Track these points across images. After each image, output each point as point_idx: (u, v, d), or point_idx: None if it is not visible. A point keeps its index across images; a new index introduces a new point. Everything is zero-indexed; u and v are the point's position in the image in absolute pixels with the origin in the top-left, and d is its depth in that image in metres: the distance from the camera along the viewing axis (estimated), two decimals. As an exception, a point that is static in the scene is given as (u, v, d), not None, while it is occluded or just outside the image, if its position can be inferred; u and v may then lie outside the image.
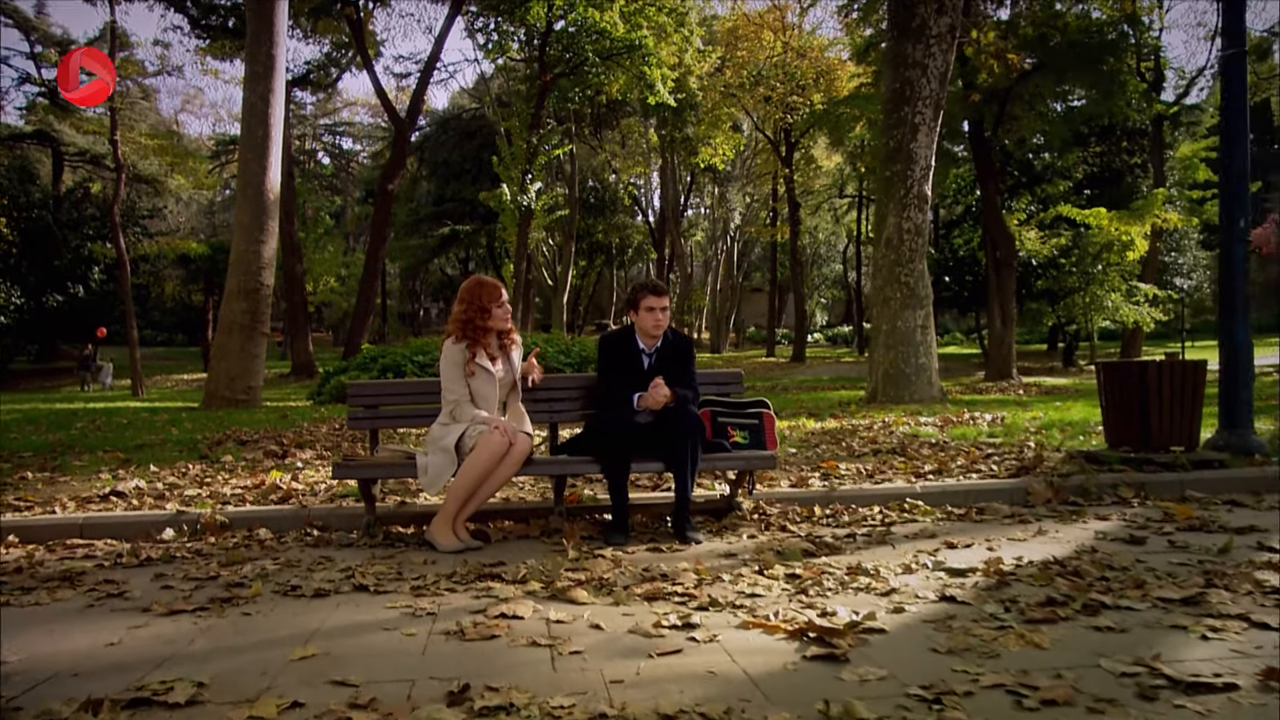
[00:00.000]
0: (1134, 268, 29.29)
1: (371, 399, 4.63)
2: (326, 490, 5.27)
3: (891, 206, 13.41)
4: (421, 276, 43.60)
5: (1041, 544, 3.91)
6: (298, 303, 25.75)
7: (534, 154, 24.94)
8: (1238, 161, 6.41)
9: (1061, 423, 8.91)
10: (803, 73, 33.64)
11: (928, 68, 13.39)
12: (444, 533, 4.09)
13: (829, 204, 48.69)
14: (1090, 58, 21.13)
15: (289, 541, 4.32)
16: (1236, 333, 6.27)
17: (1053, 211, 27.09)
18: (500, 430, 4.11)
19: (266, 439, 8.02)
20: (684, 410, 4.28)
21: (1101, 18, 21.62)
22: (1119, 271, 28.77)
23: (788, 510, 4.83)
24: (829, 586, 3.11)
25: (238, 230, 13.47)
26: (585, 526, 4.42)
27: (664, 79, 25.82)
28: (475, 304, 4.34)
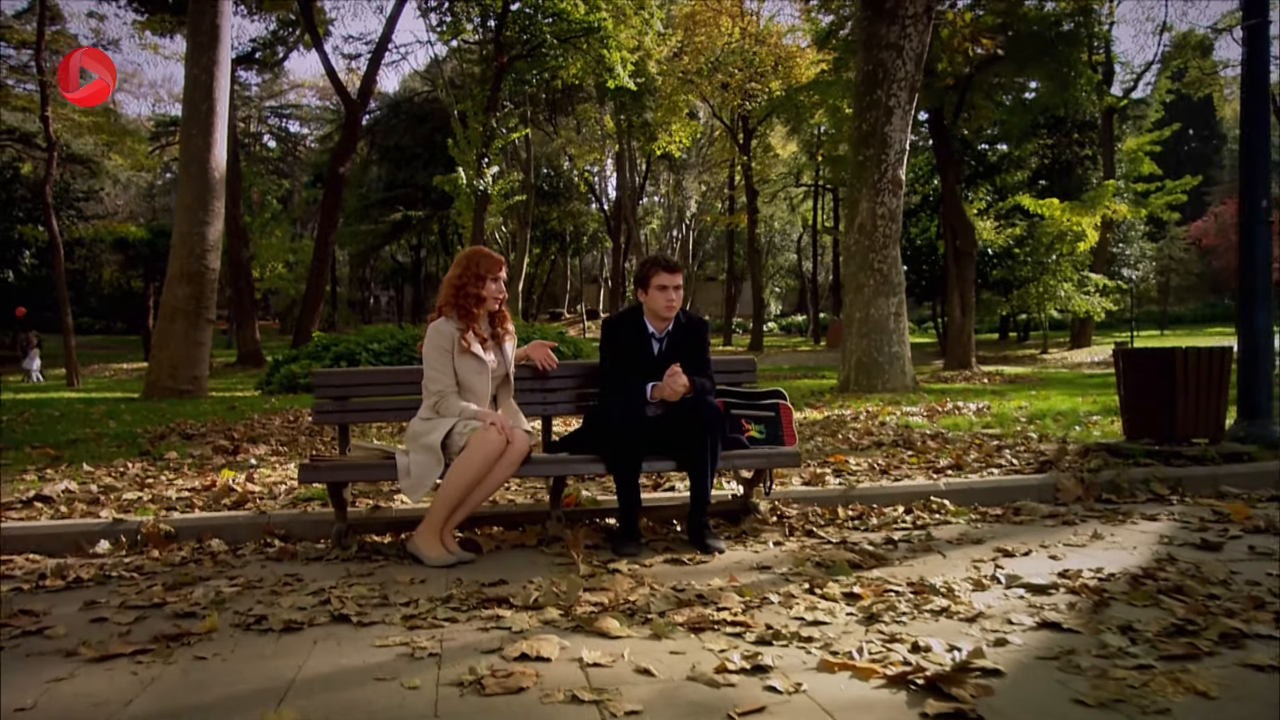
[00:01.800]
0: (1085, 258, 29.61)
1: (341, 389, 4.04)
2: (287, 492, 4.66)
3: (864, 191, 13.06)
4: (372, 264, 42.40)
5: (1106, 551, 3.50)
6: (244, 289, 24.67)
7: (490, 137, 24.20)
8: (1259, 137, 6.10)
9: (1051, 413, 8.62)
10: (761, 59, 33.29)
11: (903, 49, 13.03)
12: (431, 544, 3.54)
13: (785, 193, 48.54)
14: (1049, 47, 21.18)
15: (247, 555, 3.72)
16: (1257, 319, 5.97)
17: (1011, 201, 27.19)
18: (496, 426, 3.57)
19: (215, 433, 7.34)
20: (703, 402, 3.78)
21: (1058, 9, 21.66)
22: (1071, 262, 29.07)
23: (807, 511, 4.36)
24: (902, 610, 2.64)
25: (180, 211, 12.63)
26: (587, 533, 3.90)
27: (623, 62, 25.24)
28: (471, 271, 3.78)
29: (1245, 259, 6.08)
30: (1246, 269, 6.06)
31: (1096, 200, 25.98)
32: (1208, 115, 59.19)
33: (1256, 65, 6.13)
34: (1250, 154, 6.12)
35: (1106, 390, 12.39)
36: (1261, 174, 6.05)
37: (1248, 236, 6.03)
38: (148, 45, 27.53)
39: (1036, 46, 20.65)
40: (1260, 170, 6.05)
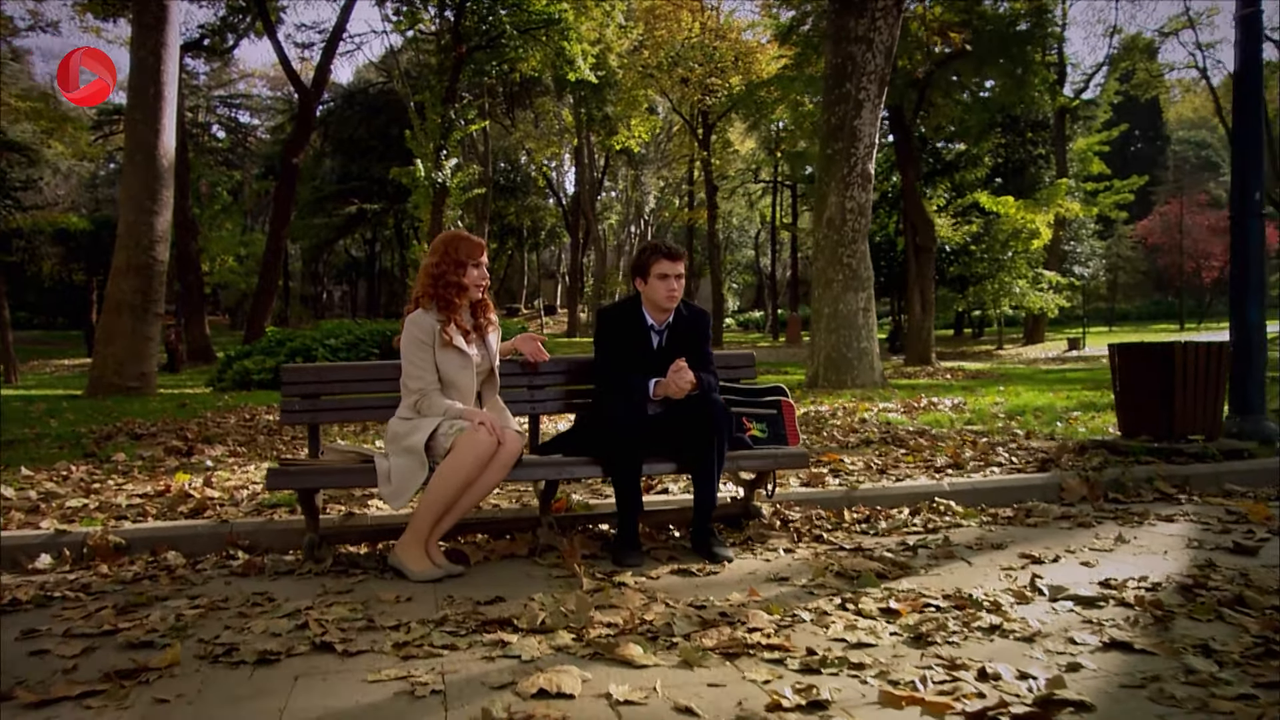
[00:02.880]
0: (1039, 256, 30.04)
1: (311, 387, 3.70)
2: (250, 498, 4.29)
3: (833, 185, 12.91)
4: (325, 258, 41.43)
5: (1138, 557, 3.30)
6: (192, 283, 23.83)
7: (449, 129, 23.69)
8: (1251, 128, 6.01)
9: (1029, 408, 8.53)
10: (721, 54, 33.14)
11: (873, 42, 12.90)
12: (415, 556, 3.22)
13: (744, 189, 48.57)
14: (1006, 46, 21.34)
15: (208, 569, 3.37)
16: (1250, 312, 5.88)
17: (969, 198, 27.42)
18: (486, 426, 3.26)
19: (166, 432, 6.90)
20: (709, 399, 3.50)
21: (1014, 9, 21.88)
22: (1026, 259, 29.45)
23: (811, 515, 4.12)
24: (952, 629, 2.40)
25: (126, 201, 12.03)
26: (582, 541, 3.60)
27: (584, 55, 24.91)
28: (450, 257, 3.46)
29: (1238, 252, 5.98)
30: (1239, 262, 5.96)
31: (1050, 198, 26.34)
32: (1154, 117, 60.56)
33: (1249, 56, 6.04)
34: (1242, 144, 6.03)
35: (1072, 385, 12.41)
36: (1254, 165, 5.96)
37: (1240, 229, 5.94)
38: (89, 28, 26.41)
39: (995, 45, 20.80)
40: (1252, 161, 5.96)
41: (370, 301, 43.23)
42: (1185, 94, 63.25)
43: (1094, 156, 36.70)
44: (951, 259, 29.91)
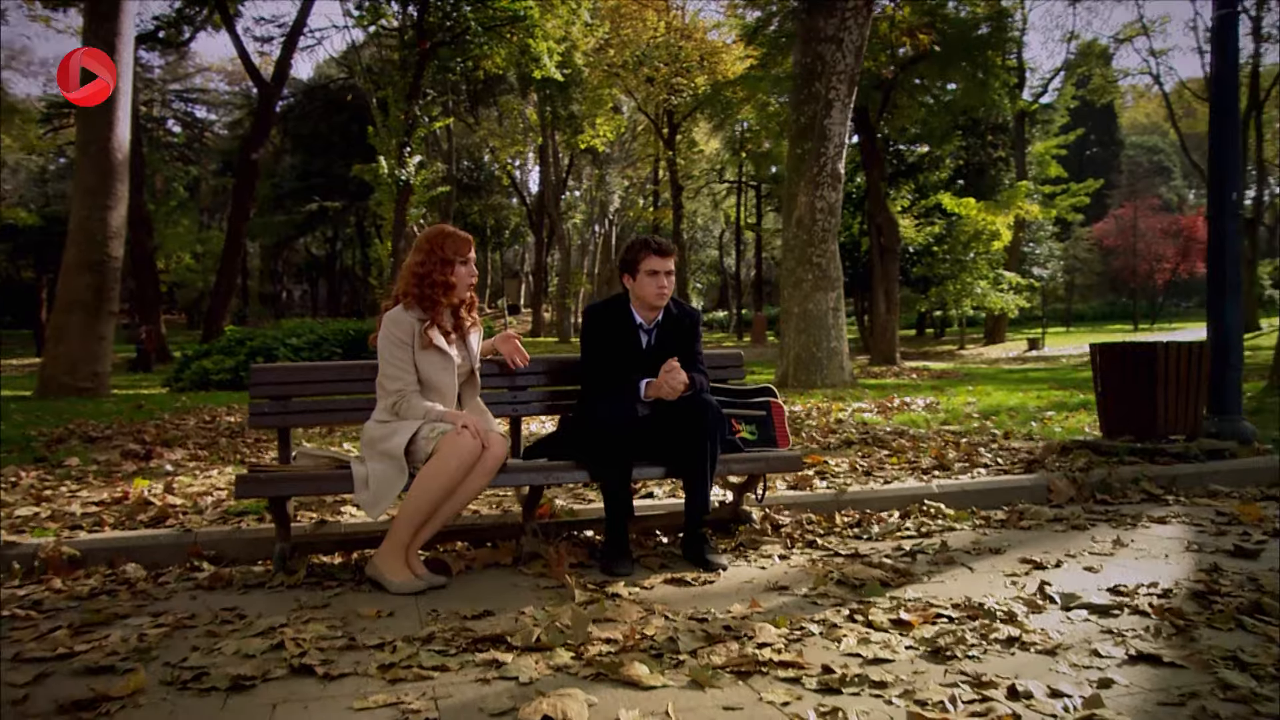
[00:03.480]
0: (1000, 257, 30.43)
1: (281, 388, 3.50)
2: (215, 505, 4.08)
3: (803, 185, 12.86)
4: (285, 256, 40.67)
5: (1139, 561, 3.23)
6: (147, 281, 23.18)
7: (413, 126, 23.33)
8: (1228, 129, 6.01)
9: (1004, 408, 8.53)
10: (687, 54, 33.10)
11: (843, 41, 12.87)
12: (394, 567, 3.04)
13: (708, 189, 48.60)
14: (969, 50, 21.56)
15: (171, 582, 3.16)
16: (1226, 313, 5.88)
17: (933, 199, 27.67)
18: (470, 429, 3.10)
19: (122, 435, 6.61)
20: (702, 400, 3.37)
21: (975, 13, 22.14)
22: (987, 260, 29.81)
23: (801, 519, 4.01)
24: (970, 642, 2.29)
25: (79, 195, 11.62)
26: (568, 549, 3.45)
27: (550, 53, 24.68)
28: (437, 255, 3.28)
29: (1214, 253, 5.98)
30: (1216, 263, 5.96)
31: (1010, 200, 26.66)
32: (1108, 122, 61.73)
33: (1225, 56, 6.04)
34: (1220, 146, 6.02)
35: (1037, 385, 12.49)
36: (1231, 166, 5.96)
37: (1217, 230, 5.94)
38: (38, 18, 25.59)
39: (958, 48, 21.01)
40: (1230, 162, 5.96)
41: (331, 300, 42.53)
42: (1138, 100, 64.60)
43: (1051, 160, 37.30)
44: (915, 260, 30.19)
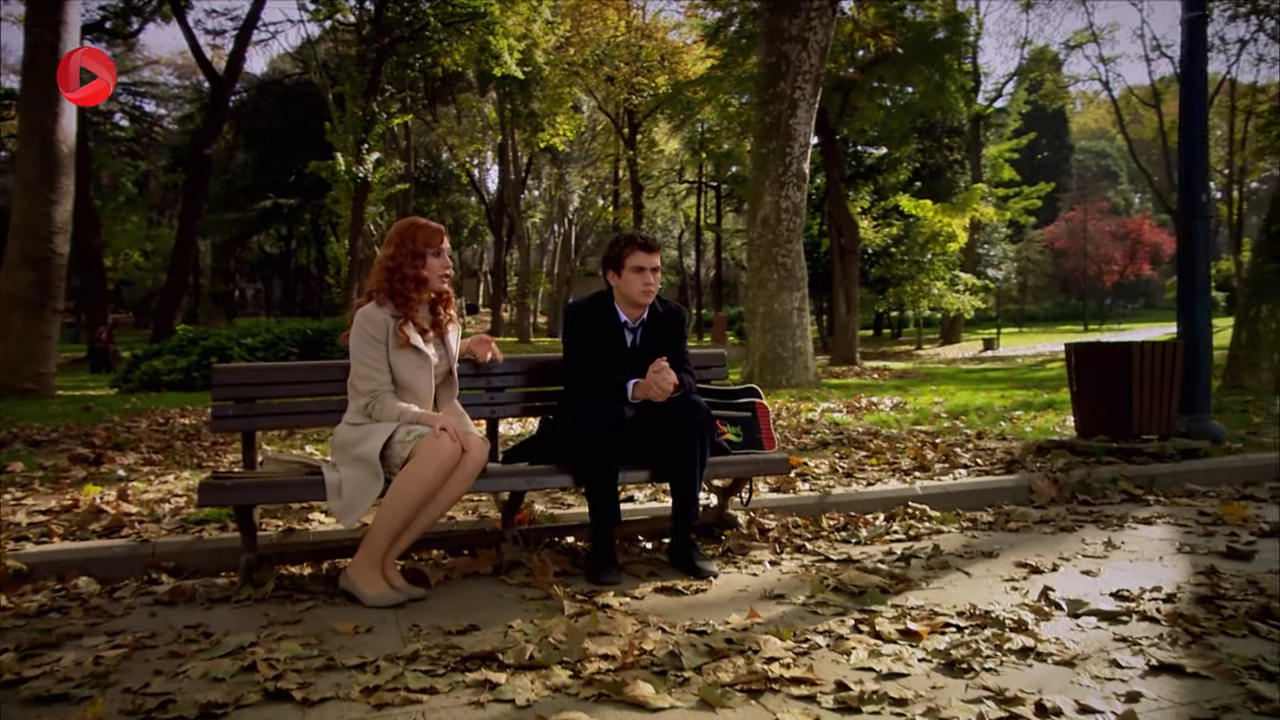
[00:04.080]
0: (956, 258, 30.84)
1: (246, 389, 3.30)
2: (173, 513, 3.86)
3: (768, 185, 12.83)
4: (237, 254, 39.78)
5: (1134, 564, 3.18)
6: (94, 278, 22.47)
7: (371, 122, 22.95)
8: (1196, 130, 6.05)
9: (971, 408, 8.55)
10: (648, 54, 33.04)
11: (808, 41, 12.85)
12: (370, 579, 2.88)
13: (668, 189, 48.61)
14: (927, 53, 21.80)
15: (128, 598, 2.96)
16: (1196, 312, 5.91)
17: (892, 201, 27.94)
18: (449, 432, 2.94)
19: (70, 438, 6.31)
20: (691, 401, 3.25)
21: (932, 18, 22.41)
22: (944, 261, 30.19)
23: (787, 523, 3.91)
24: (985, 654, 2.19)
25: (20, 188, 11.15)
26: (550, 556, 3.31)
27: (510, 50, 24.43)
28: (407, 248, 3.12)
29: (1184, 253, 6.01)
30: (1185, 263, 5.99)
31: (966, 203, 27.00)
32: (1059, 127, 62.97)
33: (1194, 59, 6.08)
34: (1188, 147, 6.06)
35: (997, 385, 12.60)
36: (1199, 167, 5.99)
37: (1187, 230, 5.97)
38: (-23, 7, 24.72)
39: (916, 51, 21.23)
40: (1198, 164, 5.99)
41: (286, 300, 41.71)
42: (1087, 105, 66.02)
43: (1005, 163, 37.90)
44: (873, 260, 30.47)
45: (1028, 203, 37.97)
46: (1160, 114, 38.52)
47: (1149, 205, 58.17)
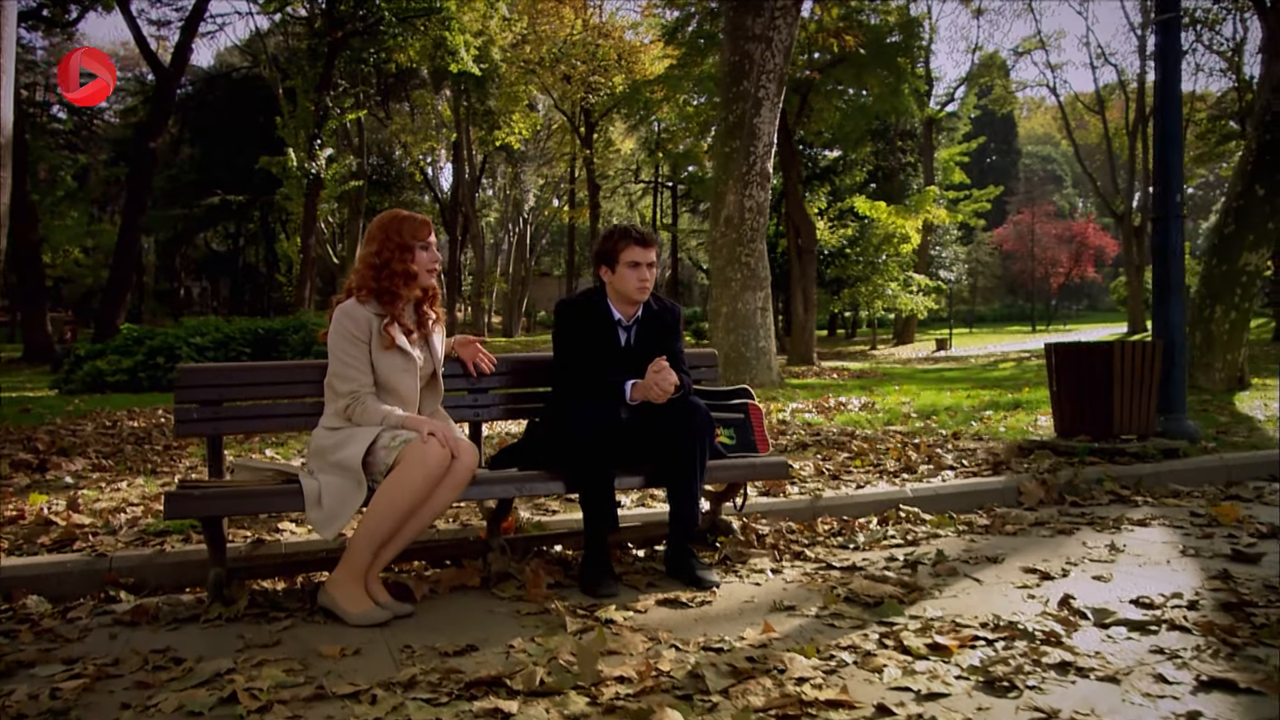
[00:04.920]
0: (910, 260, 31.22)
1: (213, 390, 3.07)
2: (129, 524, 3.59)
3: (731, 184, 12.76)
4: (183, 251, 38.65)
5: (1144, 568, 3.11)
6: (31, 275, 21.58)
7: (324, 117, 22.43)
8: (1171, 130, 6.07)
9: (940, 408, 8.54)
10: (604, 52, 32.87)
11: (772, 40, 12.81)
12: (353, 595, 2.67)
13: (624, 189, 48.48)
14: (883, 55, 22.00)
15: (84, 618, 2.72)
16: (1171, 312, 5.92)
17: (849, 202, 28.16)
18: (438, 437, 2.75)
19: (10, 442, 5.95)
20: (690, 403, 3.10)
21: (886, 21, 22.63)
22: (897, 263, 30.54)
23: (781, 528, 3.78)
24: (1025, 669, 2.07)
25: (-48, 179, 10.61)
26: (540, 566, 3.13)
27: (467, 46, 24.09)
28: (394, 241, 2.92)
29: (1159, 252, 6.02)
30: (1160, 262, 6.00)
31: (919, 205, 27.32)
32: (1008, 132, 64.23)
33: (1168, 59, 6.09)
34: (1163, 147, 6.07)
35: (957, 384, 12.67)
36: (1175, 167, 6.00)
37: (1162, 230, 5.98)
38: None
39: (872, 54, 21.41)
40: (1174, 163, 6.01)
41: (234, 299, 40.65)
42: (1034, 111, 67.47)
43: (955, 166, 38.44)
44: (829, 261, 30.70)
45: (977, 205, 38.57)
46: (1105, 120, 39.46)
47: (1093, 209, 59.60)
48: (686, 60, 23.82)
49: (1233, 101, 29.29)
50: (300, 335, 13.30)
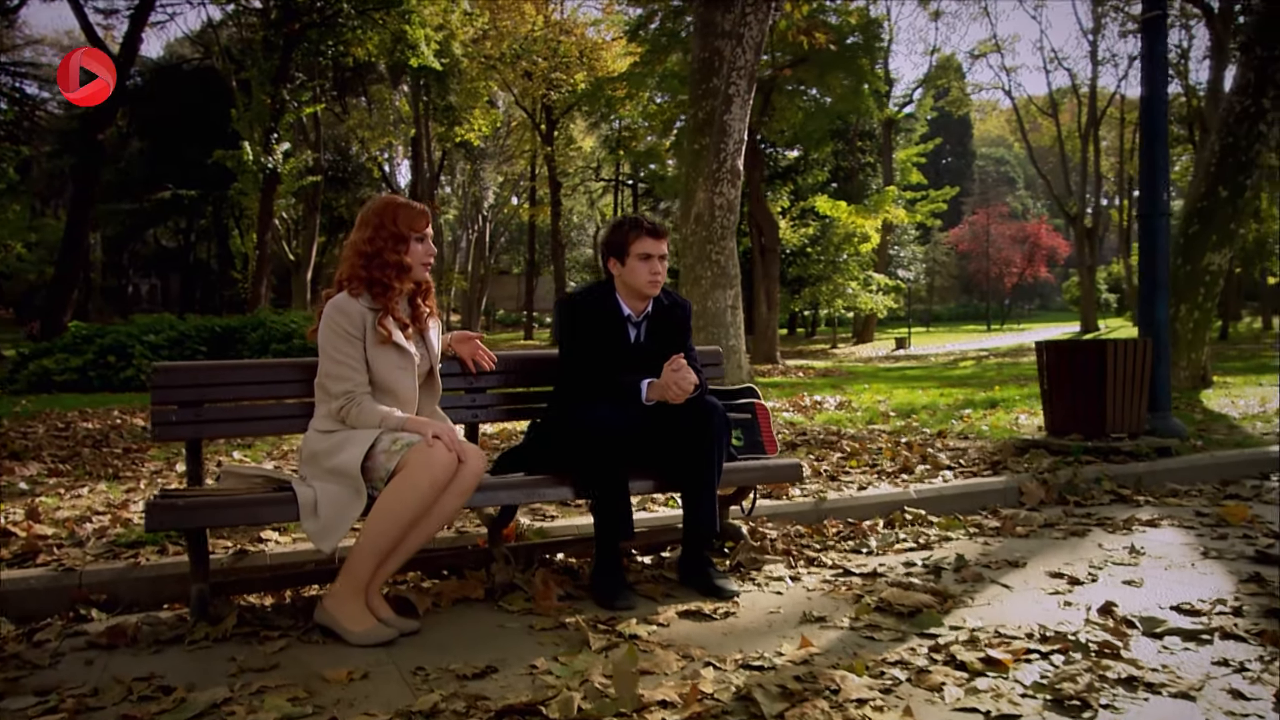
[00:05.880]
0: (870, 259, 31.48)
1: (193, 390, 2.84)
2: (97, 534, 3.34)
3: (701, 181, 12.63)
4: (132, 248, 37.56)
5: (1169, 571, 3.02)
6: (-31, 272, 20.83)
7: (280, 110, 21.89)
8: (1157, 128, 6.05)
9: (917, 406, 8.51)
10: (566, 49, 32.63)
11: (743, 37, 12.70)
12: (354, 612, 2.47)
13: (584, 187, 48.25)
14: (844, 56, 22.12)
15: (53, 641, 2.48)
16: (1157, 310, 5.91)
17: (812, 201, 28.28)
18: (444, 440, 2.56)
19: (-45, 449, 5.61)
20: (707, 403, 2.94)
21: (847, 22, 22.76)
22: (858, 262, 30.77)
23: (790, 532, 3.64)
24: (1094, 687, 1.95)
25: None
26: (549, 577, 2.95)
27: (427, 40, 23.71)
28: (388, 230, 2.72)
29: (1146, 251, 6.01)
30: (1147, 261, 5.98)
31: (879, 205, 27.53)
32: (963, 134, 65.17)
33: (1155, 58, 6.08)
34: (1150, 144, 6.06)
35: (922, 382, 12.71)
36: (1161, 166, 6.00)
37: (1149, 229, 5.97)
38: None
39: (835, 54, 21.50)
40: (1160, 162, 6.00)
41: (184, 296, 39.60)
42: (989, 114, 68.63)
43: (913, 167, 38.87)
44: (790, 260, 30.84)
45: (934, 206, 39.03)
46: (1058, 123, 40.16)
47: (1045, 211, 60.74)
48: (650, 58, 23.71)
49: (1181, 107, 29.89)
50: (259, 333, 12.90)
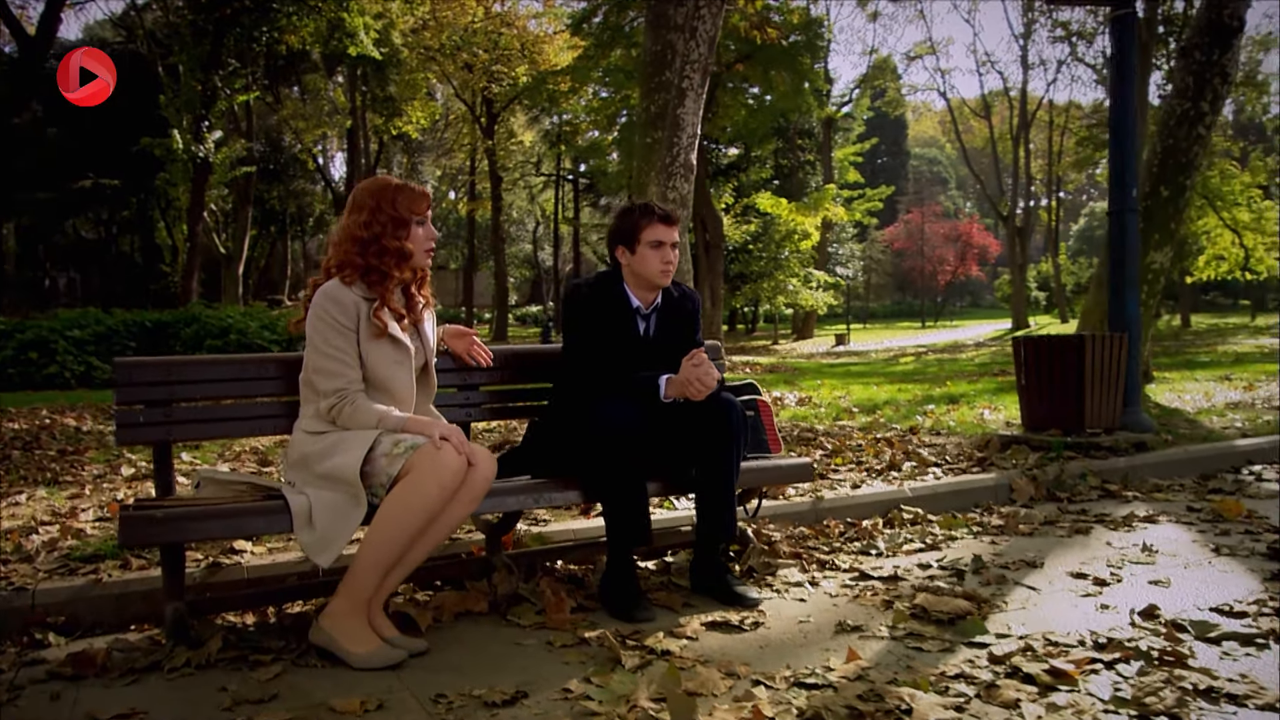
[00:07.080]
0: (810, 256, 31.82)
1: (160, 387, 2.56)
2: (48, 547, 3.02)
3: (654, 175, 12.40)
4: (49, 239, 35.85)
5: (1190, 570, 2.96)
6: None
7: (212, 98, 21.08)
8: (1126, 123, 6.08)
9: (879, 403, 8.49)
10: (507, 42, 32.18)
11: (697, 30, 12.49)
12: (355, 631, 2.23)
13: (524, 181, 47.76)
14: (788, 54, 22.27)
15: (9, 671, 2.19)
16: (1128, 305, 5.94)
17: (754, 198, 28.41)
18: (452, 442, 2.34)
19: None
20: (725, 400, 2.78)
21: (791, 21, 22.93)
22: (799, 259, 31.05)
23: (794, 534, 3.50)
24: (1176, 700, 1.84)
25: None
26: (558, 588, 2.75)
27: (366, 29, 23.09)
28: (387, 213, 2.48)
29: (1115, 246, 6.03)
30: (1117, 256, 6.01)
31: (818, 203, 27.78)
32: (898, 134, 66.33)
33: (1123, 55, 6.11)
34: (1119, 140, 6.09)
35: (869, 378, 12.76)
36: (1130, 160, 6.03)
37: (1119, 224, 5.99)
38: None
39: (779, 52, 21.60)
40: (1129, 156, 6.03)
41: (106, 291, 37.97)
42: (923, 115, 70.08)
43: (850, 166, 39.39)
44: (733, 257, 30.97)
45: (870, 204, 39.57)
46: (990, 125, 41.11)
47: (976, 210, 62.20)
48: (594, 52, 23.49)
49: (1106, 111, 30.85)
50: (193, 329, 12.35)
